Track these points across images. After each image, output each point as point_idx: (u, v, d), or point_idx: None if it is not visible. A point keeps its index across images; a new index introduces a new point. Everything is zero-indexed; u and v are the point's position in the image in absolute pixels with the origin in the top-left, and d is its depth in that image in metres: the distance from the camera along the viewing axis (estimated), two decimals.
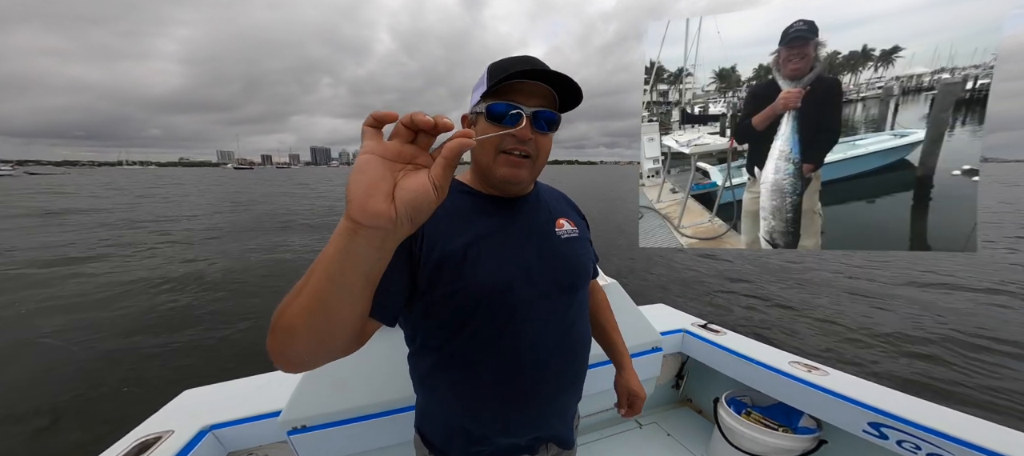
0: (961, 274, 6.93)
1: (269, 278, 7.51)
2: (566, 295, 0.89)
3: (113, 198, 26.69)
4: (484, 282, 0.80)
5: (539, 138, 0.80)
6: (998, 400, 3.60)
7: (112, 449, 1.31)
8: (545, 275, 0.86)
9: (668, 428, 2.16)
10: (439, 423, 0.93)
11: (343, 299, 0.55)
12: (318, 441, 1.38)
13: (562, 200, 1.04)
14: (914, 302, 5.72)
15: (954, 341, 4.57)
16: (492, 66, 0.81)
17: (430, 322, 0.84)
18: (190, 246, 10.29)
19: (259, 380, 1.75)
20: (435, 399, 0.92)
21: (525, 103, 0.77)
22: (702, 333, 2.12)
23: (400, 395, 1.44)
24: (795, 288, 6.30)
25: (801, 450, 1.72)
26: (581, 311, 0.95)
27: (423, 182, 0.46)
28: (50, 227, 13.29)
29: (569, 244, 0.93)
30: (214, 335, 5.06)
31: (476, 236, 0.82)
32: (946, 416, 1.37)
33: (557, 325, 0.87)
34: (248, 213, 17.60)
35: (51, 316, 5.64)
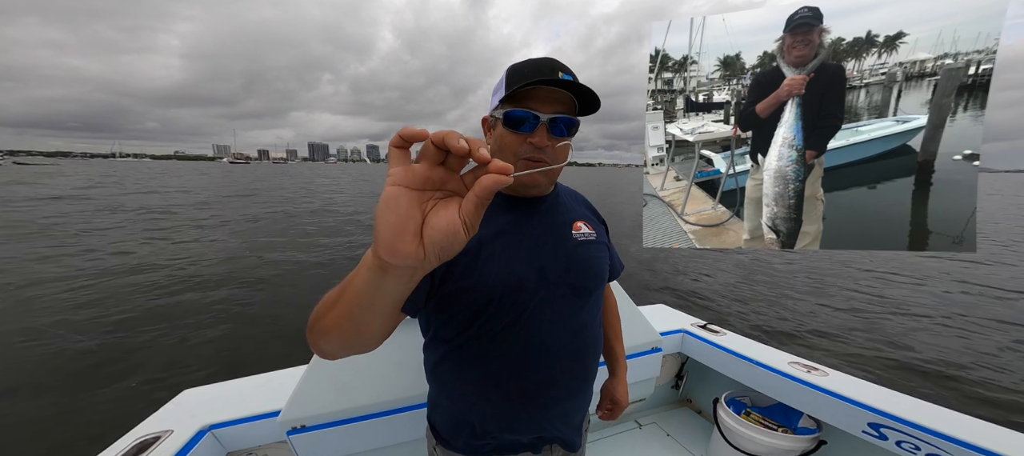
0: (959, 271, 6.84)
1: (269, 278, 7.51)
2: (579, 298, 0.89)
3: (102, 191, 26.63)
4: (497, 279, 0.80)
5: (556, 144, 0.81)
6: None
7: (111, 449, 1.32)
8: (559, 276, 0.86)
9: (668, 428, 2.15)
10: (447, 414, 0.94)
11: (374, 318, 0.58)
12: (317, 441, 1.39)
13: (581, 202, 1.05)
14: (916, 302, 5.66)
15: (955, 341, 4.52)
16: (511, 70, 0.81)
17: (442, 316, 0.85)
18: (189, 246, 10.33)
19: (259, 380, 1.76)
20: (444, 391, 0.94)
21: (543, 109, 0.78)
22: (702, 333, 2.12)
23: (400, 395, 1.45)
24: (795, 288, 6.26)
25: (801, 450, 1.71)
26: (593, 315, 0.95)
27: (453, 220, 0.42)
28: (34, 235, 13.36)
29: (585, 247, 0.93)
30: (214, 335, 5.05)
31: (492, 233, 0.83)
32: (946, 416, 1.37)
33: (567, 327, 0.87)
34: (254, 208, 17.69)
35: (50, 314, 5.63)
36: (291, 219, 14.24)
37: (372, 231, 0.44)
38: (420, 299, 0.78)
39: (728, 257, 7.74)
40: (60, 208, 14.65)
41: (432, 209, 0.43)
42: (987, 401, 3.52)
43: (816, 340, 4.63)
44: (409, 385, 1.48)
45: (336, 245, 10.42)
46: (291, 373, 1.75)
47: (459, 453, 0.93)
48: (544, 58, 0.82)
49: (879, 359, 4.19)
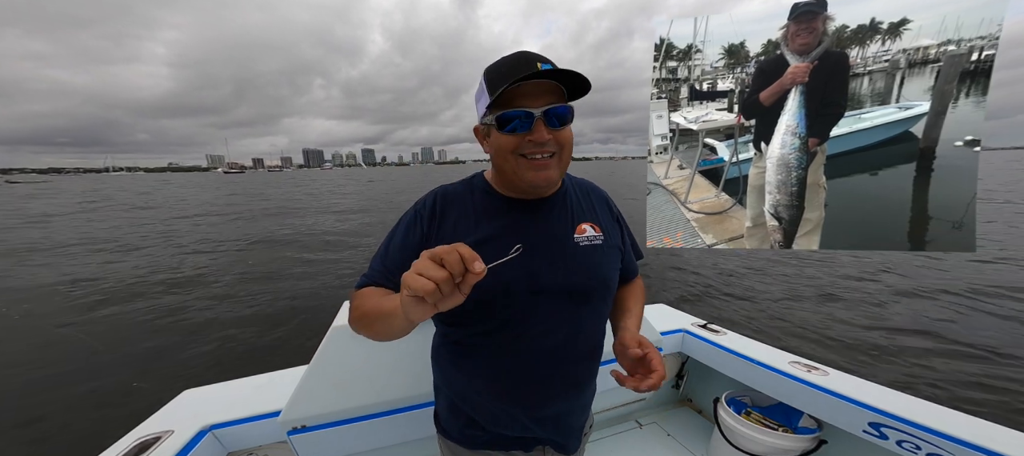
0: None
1: (268, 279, 7.52)
2: (577, 304, 0.87)
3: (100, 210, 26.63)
4: (485, 283, 0.80)
5: (557, 135, 0.79)
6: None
7: (112, 449, 1.31)
8: (554, 282, 0.84)
9: (668, 428, 2.13)
10: (446, 401, 0.95)
11: (402, 331, 0.72)
12: (318, 441, 1.39)
13: (594, 197, 0.99)
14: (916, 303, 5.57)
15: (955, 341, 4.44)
16: (489, 73, 0.78)
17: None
18: (190, 246, 10.38)
19: (259, 380, 1.75)
20: (442, 378, 0.95)
21: (532, 104, 0.75)
22: (702, 333, 2.11)
23: (400, 395, 1.45)
24: (795, 289, 6.20)
25: (801, 450, 1.69)
26: (595, 320, 0.92)
27: (458, 299, 0.60)
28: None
29: (587, 252, 0.89)
30: (214, 335, 5.04)
31: (485, 236, 0.83)
32: (946, 416, 1.36)
33: (560, 332, 0.85)
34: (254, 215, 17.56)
35: (54, 315, 5.68)
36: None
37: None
38: None
39: (728, 256, 7.67)
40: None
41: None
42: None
43: (817, 340, 4.58)
44: (409, 385, 1.47)
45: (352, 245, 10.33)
46: (291, 373, 1.74)
47: (455, 443, 0.94)
48: (519, 53, 0.79)
49: (880, 359, 4.14)
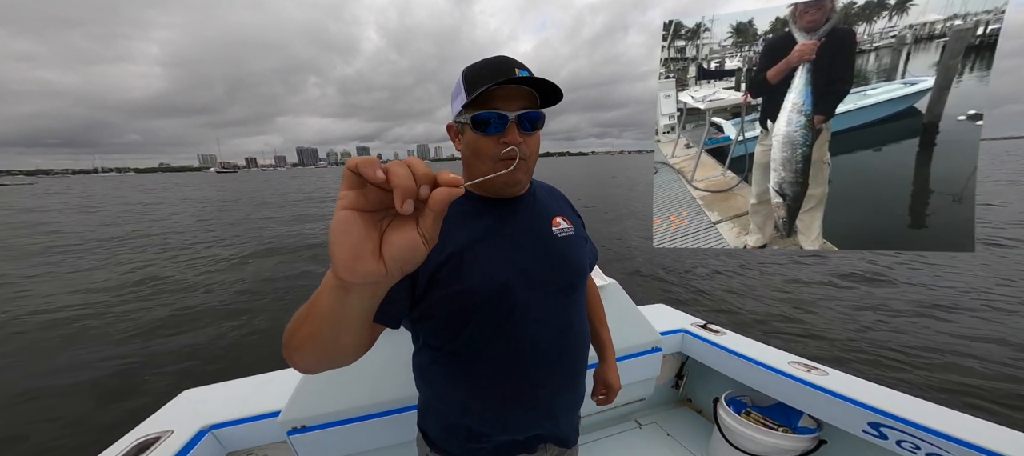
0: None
1: (270, 278, 7.53)
2: (564, 295, 0.90)
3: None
4: (481, 284, 0.81)
5: (527, 139, 0.81)
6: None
7: (111, 449, 1.32)
8: (543, 275, 0.86)
9: (668, 428, 2.11)
10: (440, 420, 0.94)
11: (344, 333, 0.59)
12: (318, 441, 1.40)
13: (557, 197, 1.04)
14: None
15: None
16: (467, 73, 0.80)
17: (430, 323, 0.86)
18: (190, 248, 10.42)
19: (259, 380, 1.76)
20: (436, 396, 0.94)
21: (507, 107, 0.78)
22: (702, 333, 2.10)
23: (399, 395, 1.45)
24: (795, 288, 6.11)
25: (801, 450, 1.67)
26: (579, 311, 0.96)
27: (412, 236, 0.43)
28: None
29: (566, 243, 0.92)
30: (214, 335, 5.04)
31: (472, 239, 0.83)
32: (946, 416, 1.36)
33: (555, 325, 0.88)
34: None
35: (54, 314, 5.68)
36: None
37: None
38: (401, 311, 0.79)
39: (729, 257, 7.60)
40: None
41: (389, 226, 0.44)
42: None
43: (816, 339, 4.51)
44: (409, 385, 1.48)
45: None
46: (291, 373, 1.72)
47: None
48: (498, 57, 0.81)
49: (879, 359, 4.05)
